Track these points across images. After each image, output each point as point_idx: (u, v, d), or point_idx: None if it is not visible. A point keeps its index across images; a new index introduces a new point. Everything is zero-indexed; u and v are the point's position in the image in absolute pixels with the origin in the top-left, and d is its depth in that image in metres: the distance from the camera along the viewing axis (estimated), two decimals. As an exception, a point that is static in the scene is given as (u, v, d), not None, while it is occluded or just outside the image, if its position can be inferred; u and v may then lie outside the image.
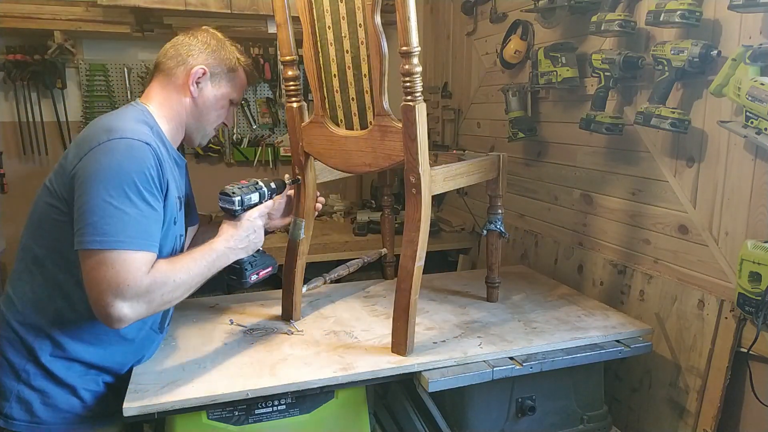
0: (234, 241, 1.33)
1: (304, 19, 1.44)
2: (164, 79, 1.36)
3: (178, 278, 1.20)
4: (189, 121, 1.39)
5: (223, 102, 1.42)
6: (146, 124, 1.28)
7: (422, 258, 1.37)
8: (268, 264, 1.44)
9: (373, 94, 1.35)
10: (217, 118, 1.43)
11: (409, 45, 1.23)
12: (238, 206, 1.35)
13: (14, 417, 1.23)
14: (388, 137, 1.35)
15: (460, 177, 1.53)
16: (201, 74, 1.35)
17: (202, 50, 1.36)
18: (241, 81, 1.45)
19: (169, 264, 1.20)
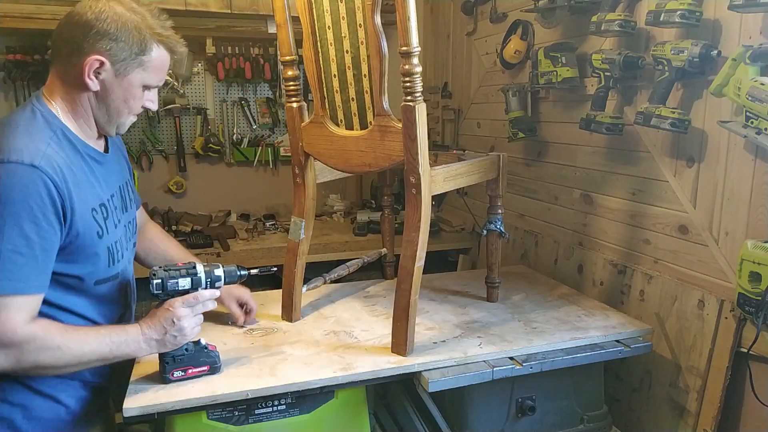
0: (149, 330, 1.18)
1: (303, 19, 1.42)
2: (61, 67, 1.16)
3: (66, 347, 1.07)
4: (96, 114, 1.20)
5: (135, 91, 1.19)
6: (47, 128, 1.13)
7: (422, 258, 1.37)
8: (203, 362, 1.27)
9: (373, 95, 1.34)
10: (130, 108, 1.22)
11: (409, 45, 1.22)
12: (156, 290, 1.20)
13: None
14: (388, 137, 1.34)
15: (460, 177, 1.52)
16: (98, 66, 1.12)
17: (100, 33, 1.11)
18: (158, 61, 1.20)
19: (62, 327, 1.09)
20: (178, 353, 1.23)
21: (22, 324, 1.03)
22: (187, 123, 3.17)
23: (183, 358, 1.24)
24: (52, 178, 1.06)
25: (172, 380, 1.24)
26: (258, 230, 2.91)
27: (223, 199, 3.25)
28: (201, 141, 3.16)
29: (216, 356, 1.30)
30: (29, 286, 1.05)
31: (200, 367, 1.27)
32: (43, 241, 1.05)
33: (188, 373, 1.25)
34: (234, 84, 3.19)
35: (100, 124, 1.23)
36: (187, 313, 1.21)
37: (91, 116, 1.21)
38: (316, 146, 1.51)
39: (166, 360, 1.23)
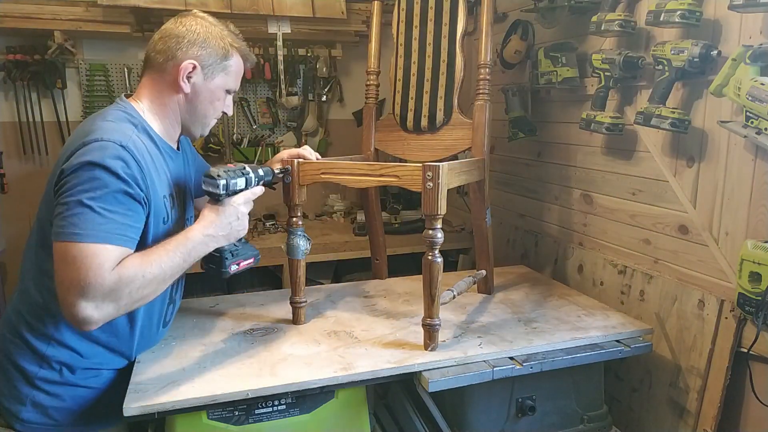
0: (214, 227, 1.27)
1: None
2: (154, 74, 1.32)
3: (149, 273, 1.14)
4: (184, 116, 1.36)
5: (219, 93, 1.37)
6: (129, 123, 1.25)
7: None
8: (249, 255, 1.37)
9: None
10: (214, 110, 1.39)
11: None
12: (222, 190, 1.27)
13: (31, 421, 1.25)
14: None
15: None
16: (191, 69, 1.29)
17: (191, 42, 1.29)
18: (237, 68, 1.38)
19: (138, 258, 1.15)
20: (233, 249, 1.32)
21: (108, 271, 1.09)
22: (187, 123, 3.17)
23: (238, 252, 1.33)
24: (135, 156, 1.18)
25: (230, 273, 1.31)
26: (258, 230, 2.91)
27: (223, 199, 3.25)
28: (201, 141, 3.15)
29: (256, 249, 1.41)
30: (113, 237, 1.11)
31: (248, 259, 1.37)
32: (129, 203, 1.15)
33: (241, 265, 1.34)
34: (234, 84, 3.19)
35: (186, 125, 1.38)
36: (247, 209, 1.34)
37: (178, 117, 1.36)
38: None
39: (225, 256, 1.30)
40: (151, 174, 1.22)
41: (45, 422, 1.26)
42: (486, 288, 1.87)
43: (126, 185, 1.14)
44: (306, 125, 3.30)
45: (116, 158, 1.14)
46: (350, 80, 3.40)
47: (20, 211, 2.72)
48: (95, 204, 1.10)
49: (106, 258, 1.09)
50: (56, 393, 1.26)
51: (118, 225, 1.12)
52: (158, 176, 1.26)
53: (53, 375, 1.25)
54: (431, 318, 1.42)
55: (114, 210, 1.12)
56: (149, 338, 1.40)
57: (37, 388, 1.25)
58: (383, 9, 1.96)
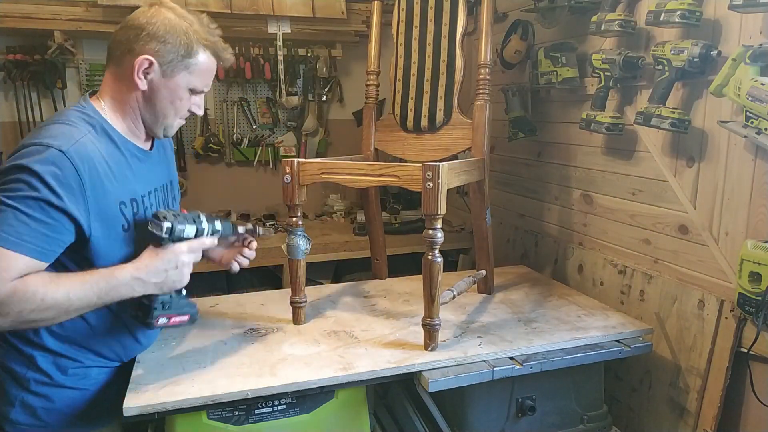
0: (147, 272, 1.16)
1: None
2: (113, 68, 1.23)
3: (50, 298, 1.06)
4: (143, 114, 1.26)
5: (181, 93, 1.25)
6: (86, 124, 1.18)
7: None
8: (185, 311, 1.26)
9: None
10: (177, 109, 1.27)
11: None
12: (165, 234, 1.17)
13: (20, 422, 1.24)
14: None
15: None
16: (147, 65, 1.19)
17: (150, 35, 1.18)
18: (204, 66, 1.25)
19: (46, 279, 1.08)
20: (165, 299, 1.22)
21: (5, 282, 1.03)
22: (187, 123, 3.14)
23: (170, 305, 1.23)
24: (75, 164, 1.10)
25: (156, 326, 1.23)
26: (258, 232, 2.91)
27: (223, 199, 3.25)
28: (201, 141, 3.15)
29: (195, 307, 1.29)
30: (25, 248, 1.05)
31: (182, 316, 1.26)
32: (52, 213, 1.08)
33: (171, 321, 1.24)
34: (234, 84, 3.19)
35: (147, 124, 1.28)
36: (190, 259, 1.23)
37: (138, 116, 1.26)
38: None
39: (154, 306, 1.20)
40: (99, 179, 1.15)
41: (34, 423, 1.24)
42: (486, 288, 1.87)
43: (53, 195, 1.07)
44: (306, 125, 3.30)
45: (49, 164, 1.07)
46: (350, 80, 3.40)
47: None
48: (14, 204, 1.04)
49: (8, 266, 1.03)
50: (45, 394, 1.24)
51: (31, 232, 1.05)
52: (113, 181, 1.19)
53: (42, 376, 1.23)
54: (431, 318, 1.42)
55: (32, 216, 1.05)
56: (139, 338, 1.35)
57: (25, 389, 1.23)
58: (383, 9, 1.96)
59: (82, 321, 1.23)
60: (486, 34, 1.73)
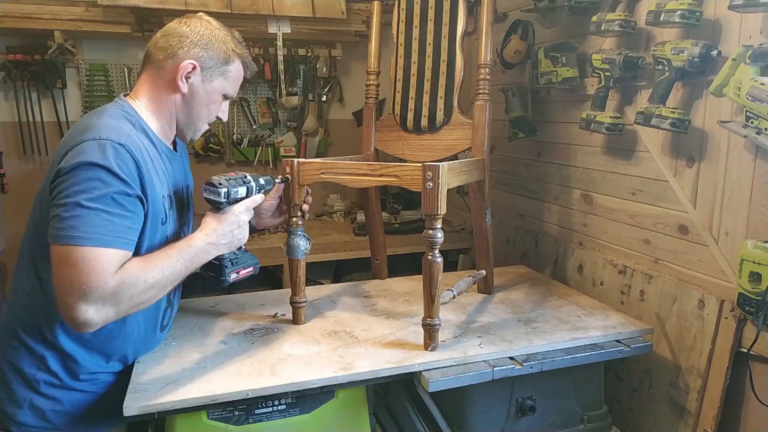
0: (216, 235, 1.27)
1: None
2: (153, 72, 1.30)
3: (150, 278, 1.14)
4: (179, 116, 1.34)
5: (216, 97, 1.35)
6: (127, 121, 1.24)
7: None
8: (249, 263, 1.38)
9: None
10: (209, 113, 1.37)
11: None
12: (223, 198, 1.28)
13: (28, 424, 1.25)
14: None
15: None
16: (191, 69, 1.28)
17: (194, 42, 1.28)
18: (237, 74, 1.37)
19: (140, 263, 1.15)
20: (233, 257, 1.33)
21: (111, 275, 1.09)
22: (187, 123, 3.17)
23: (238, 260, 1.34)
24: (134, 155, 1.17)
25: (230, 281, 1.32)
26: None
27: (223, 199, 3.25)
28: (201, 141, 3.16)
29: (256, 258, 1.41)
30: (116, 243, 1.11)
31: (248, 268, 1.37)
32: (129, 204, 1.14)
33: (240, 273, 1.35)
34: (234, 84, 3.19)
35: (179, 126, 1.37)
36: (248, 217, 1.35)
37: (173, 117, 1.34)
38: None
39: (224, 264, 1.31)
40: (149, 173, 1.21)
41: (43, 425, 1.25)
42: (486, 288, 1.87)
43: (124, 185, 1.13)
44: (306, 125, 3.30)
45: (114, 157, 1.12)
46: (350, 80, 3.40)
47: (20, 211, 2.69)
48: (94, 205, 1.09)
49: (109, 262, 1.09)
50: (54, 396, 1.25)
51: (117, 227, 1.11)
52: (157, 175, 1.25)
53: (51, 378, 1.25)
54: (431, 318, 1.42)
55: (113, 212, 1.11)
56: (146, 342, 1.38)
57: (35, 390, 1.24)
58: (383, 9, 1.96)
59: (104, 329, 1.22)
60: (486, 34, 1.72)
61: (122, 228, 1.12)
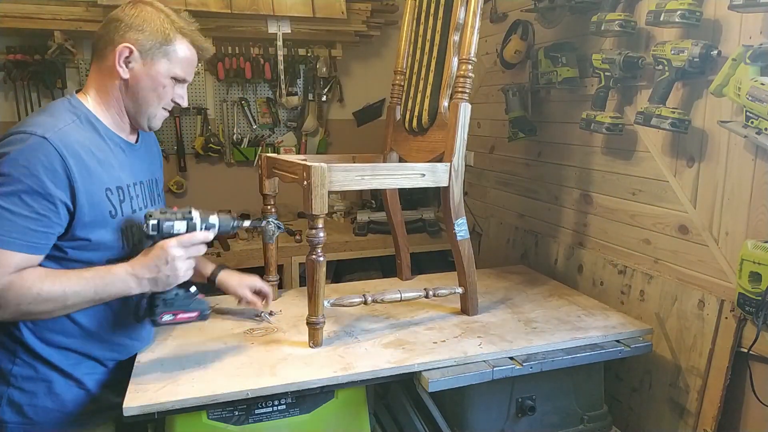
0: (140, 267, 1.18)
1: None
2: (97, 62, 1.27)
3: (46, 292, 1.10)
4: (126, 104, 1.28)
5: (163, 80, 1.27)
6: (71, 114, 1.21)
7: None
8: (192, 308, 1.27)
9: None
10: (159, 98, 1.29)
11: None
12: (153, 231, 1.19)
13: (6, 420, 1.23)
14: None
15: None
16: (128, 54, 1.23)
17: (128, 25, 1.23)
18: (183, 54, 1.29)
19: (41, 274, 1.11)
20: (168, 296, 1.23)
21: (2, 276, 1.07)
22: (187, 123, 3.17)
23: (174, 302, 1.24)
24: (59, 149, 1.12)
25: (160, 323, 1.24)
26: (258, 230, 2.91)
27: (223, 199, 3.25)
28: (201, 141, 3.16)
29: (206, 304, 1.30)
30: (15, 244, 1.08)
31: (190, 312, 1.27)
32: (36, 203, 1.10)
33: (178, 317, 1.25)
34: (234, 84, 3.19)
35: (130, 114, 1.31)
36: (182, 253, 1.21)
37: (122, 106, 1.29)
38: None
39: (156, 303, 1.23)
40: (85, 165, 1.17)
41: (20, 422, 1.23)
42: (466, 307, 1.68)
43: (37, 183, 1.09)
44: (306, 125, 3.30)
45: (32, 151, 1.09)
46: (350, 80, 3.40)
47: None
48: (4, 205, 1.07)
49: (2, 263, 1.07)
50: (31, 390, 1.23)
51: (19, 228, 1.08)
52: (99, 167, 1.21)
53: (27, 371, 1.23)
54: (315, 316, 1.42)
55: (17, 212, 1.08)
56: (126, 335, 1.34)
57: (11, 385, 1.23)
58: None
59: (69, 322, 1.23)
60: (471, 27, 1.55)
61: (22, 229, 1.09)
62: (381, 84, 3.33)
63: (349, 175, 1.43)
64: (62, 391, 1.26)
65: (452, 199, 1.58)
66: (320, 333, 1.44)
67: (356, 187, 1.46)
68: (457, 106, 1.55)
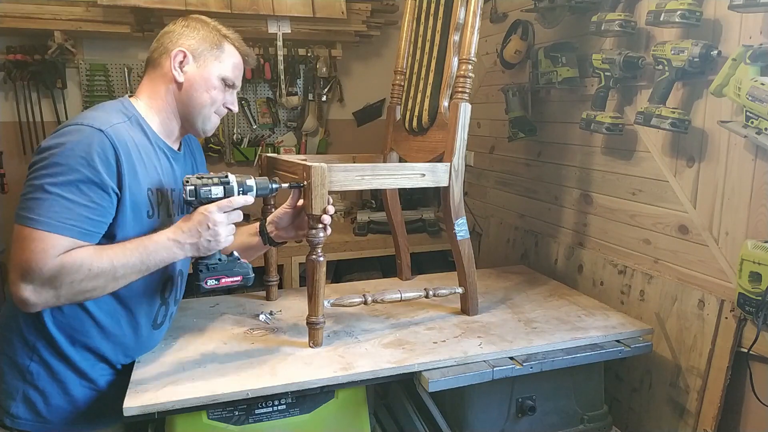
0: (181, 233, 1.20)
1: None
2: (152, 71, 1.33)
3: (96, 267, 1.11)
4: (180, 108, 1.33)
5: (214, 81, 1.33)
6: (122, 114, 1.25)
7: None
8: (236, 272, 1.28)
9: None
10: (212, 100, 1.34)
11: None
12: (190, 196, 1.21)
13: (20, 416, 1.25)
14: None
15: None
16: (182, 57, 1.30)
17: (181, 34, 1.32)
18: (231, 57, 1.36)
19: (90, 251, 1.13)
20: (211, 262, 1.25)
21: (51, 258, 1.08)
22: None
23: (217, 267, 1.26)
24: (113, 142, 1.16)
25: (206, 288, 1.26)
26: (258, 230, 2.91)
27: (223, 199, 3.25)
28: (201, 141, 3.15)
29: (249, 268, 1.31)
30: (66, 228, 1.10)
31: (234, 277, 1.28)
32: (93, 193, 1.13)
33: (222, 282, 1.26)
34: (234, 84, 3.19)
35: (184, 118, 1.35)
36: (222, 218, 1.23)
37: (174, 111, 1.34)
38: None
39: (200, 268, 1.25)
40: (133, 163, 1.20)
41: (33, 419, 1.25)
42: (466, 307, 1.68)
43: (93, 173, 1.12)
44: (306, 125, 3.30)
45: (89, 142, 1.12)
46: (350, 80, 3.40)
47: (20, 211, 2.72)
48: (56, 191, 1.09)
49: (53, 245, 1.08)
50: (44, 389, 1.25)
51: (73, 215, 1.10)
52: (144, 168, 1.24)
53: (43, 369, 1.25)
54: (315, 316, 1.42)
55: (73, 199, 1.11)
56: (140, 341, 1.36)
57: (26, 382, 1.24)
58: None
59: (88, 318, 1.24)
60: (471, 27, 1.56)
61: (78, 216, 1.11)
62: (381, 84, 3.33)
63: (349, 175, 1.43)
64: (76, 391, 1.28)
65: (452, 199, 1.59)
66: (320, 333, 1.44)
67: (356, 187, 1.46)
68: (457, 106, 1.56)
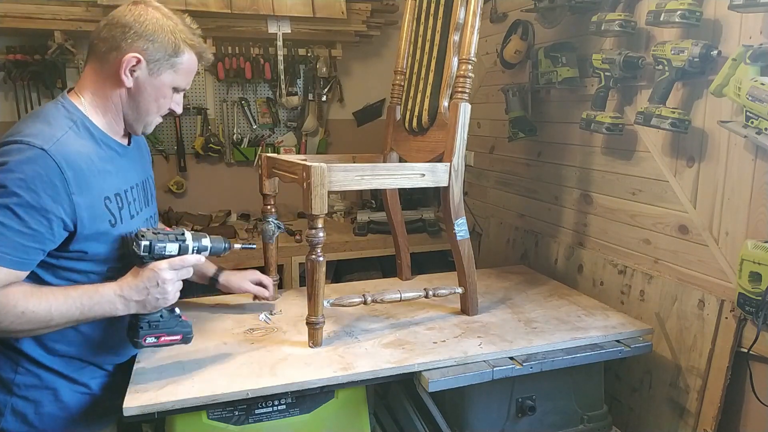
0: (128, 289, 1.16)
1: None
2: (97, 64, 1.21)
3: (29, 310, 1.07)
4: (126, 111, 1.25)
5: (165, 91, 1.25)
6: (67, 120, 1.17)
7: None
8: (176, 331, 1.24)
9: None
10: (159, 107, 1.27)
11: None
12: (144, 252, 1.16)
13: (10, 429, 1.22)
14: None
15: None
16: (135, 63, 1.18)
17: (138, 33, 1.18)
18: (188, 65, 1.27)
19: (26, 291, 1.08)
20: (153, 318, 1.21)
21: None
22: (187, 123, 3.17)
23: (158, 324, 1.22)
24: (58, 162, 1.09)
25: (144, 346, 1.22)
26: (258, 230, 2.91)
27: (223, 199, 3.25)
28: (201, 141, 3.16)
29: (189, 326, 1.27)
30: (3, 259, 1.05)
31: (174, 335, 1.24)
32: (34, 220, 1.07)
33: (161, 340, 1.22)
34: (234, 84, 3.19)
35: (128, 121, 1.28)
36: (172, 276, 1.19)
37: (120, 113, 1.26)
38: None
39: (140, 325, 1.20)
40: (84, 176, 1.14)
41: (25, 430, 1.23)
42: (465, 307, 1.68)
43: (33, 197, 1.06)
44: (306, 125, 3.30)
45: (31, 165, 1.06)
46: (350, 80, 3.40)
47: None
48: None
49: None
50: (35, 398, 1.22)
51: (10, 243, 1.05)
52: (97, 177, 1.18)
53: (31, 379, 1.22)
54: (314, 316, 1.42)
55: (9, 226, 1.05)
56: (123, 339, 1.31)
57: (14, 394, 1.21)
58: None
59: (71, 330, 1.21)
60: (471, 27, 1.55)
61: (13, 244, 1.05)
62: (381, 84, 3.33)
63: (349, 175, 1.43)
64: (69, 397, 1.26)
65: (452, 199, 1.58)
66: (320, 333, 1.44)
67: (356, 187, 1.46)
68: (457, 106, 1.55)
